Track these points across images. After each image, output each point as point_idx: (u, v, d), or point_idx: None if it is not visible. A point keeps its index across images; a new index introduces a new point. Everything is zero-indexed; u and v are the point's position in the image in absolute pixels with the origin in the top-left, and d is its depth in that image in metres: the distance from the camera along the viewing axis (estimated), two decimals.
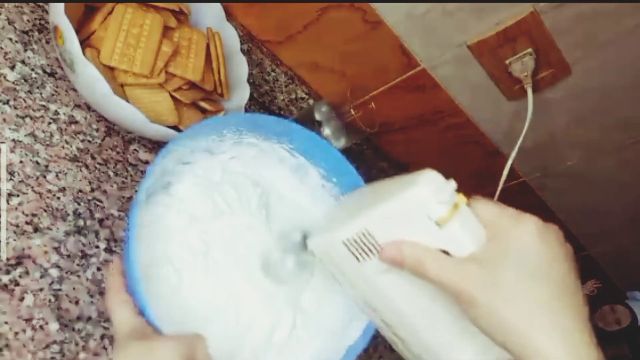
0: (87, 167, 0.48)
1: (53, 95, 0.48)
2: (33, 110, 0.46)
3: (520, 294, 0.30)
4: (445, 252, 0.33)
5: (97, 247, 0.46)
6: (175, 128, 0.52)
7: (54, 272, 0.42)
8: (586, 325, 0.30)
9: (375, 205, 0.36)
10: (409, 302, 0.37)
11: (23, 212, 0.42)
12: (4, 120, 0.44)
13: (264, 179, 0.52)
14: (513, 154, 0.66)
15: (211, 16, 0.59)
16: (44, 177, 0.44)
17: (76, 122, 0.49)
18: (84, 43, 0.48)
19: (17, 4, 0.49)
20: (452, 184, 0.34)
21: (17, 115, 0.45)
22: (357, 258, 0.37)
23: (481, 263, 0.31)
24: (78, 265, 0.44)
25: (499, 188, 0.66)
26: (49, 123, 0.47)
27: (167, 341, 0.33)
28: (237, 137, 0.49)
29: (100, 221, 0.47)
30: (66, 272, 0.42)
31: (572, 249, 0.33)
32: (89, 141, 0.50)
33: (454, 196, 0.33)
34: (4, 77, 0.45)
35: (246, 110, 0.61)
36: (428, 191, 0.33)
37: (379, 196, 0.37)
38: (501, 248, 0.31)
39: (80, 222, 0.45)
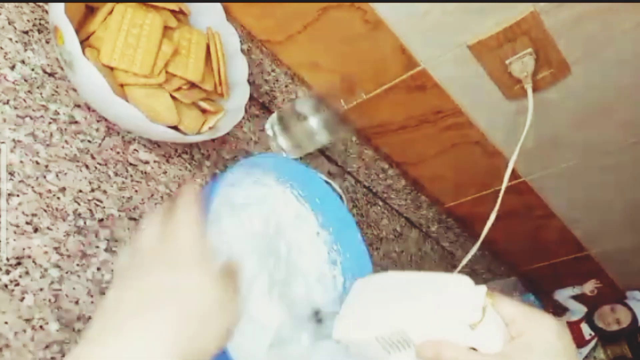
0: (87, 167, 0.48)
1: (53, 95, 0.48)
2: (33, 110, 0.46)
3: None
4: (474, 349, 0.37)
5: (97, 247, 0.46)
6: (175, 128, 0.52)
7: (54, 272, 0.42)
8: None
9: (410, 305, 0.39)
10: None
11: (23, 212, 0.42)
12: (4, 120, 0.44)
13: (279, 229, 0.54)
14: (514, 155, 0.66)
15: (211, 16, 0.59)
16: (44, 177, 0.44)
17: (76, 122, 0.49)
18: (84, 43, 0.48)
19: (17, 4, 0.48)
20: (484, 290, 0.37)
21: (17, 115, 0.45)
22: (388, 351, 0.39)
23: (512, 359, 0.36)
24: (78, 265, 0.43)
25: (502, 188, 0.66)
26: (49, 123, 0.47)
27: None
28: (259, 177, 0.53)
29: (100, 221, 0.47)
30: (66, 272, 0.42)
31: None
32: (89, 141, 0.50)
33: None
34: (4, 77, 0.45)
35: (246, 111, 0.61)
36: (463, 298, 0.37)
37: (412, 294, 0.40)
38: (527, 345, 0.36)
39: (80, 222, 0.45)
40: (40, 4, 0.50)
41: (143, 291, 0.31)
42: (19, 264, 0.40)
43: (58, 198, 0.45)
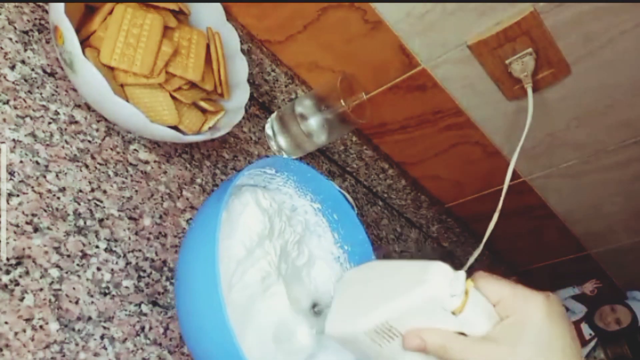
0: (87, 167, 0.48)
1: (53, 95, 0.48)
2: (33, 110, 0.46)
3: None
4: (462, 334, 0.36)
5: (97, 247, 0.46)
6: (176, 128, 0.52)
7: (54, 272, 0.42)
8: None
9: (392, 299, 0.38)
10: None
11: (23, 212, 0.42)
12: (4, 120, 0.44)
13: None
14: (515, 155, 0.66)
15: (211, 16, 0.59)
16: (44, 177, 0.44)
17: (76, 122, 0.49)
18: (84, 43, 0.48)
19: (17, 4, 0.49)
20: (462, 275, 0.36)
21: (17, 115, 0.45)
22: (379, 344, 0.39)
23: (500, 342, 0.34)
24: (78, 265, 0.44)
25: (504, 189, 0.66)
26: (49, 123, 0.47)
27: None
28: (283, 182, 0.54)
29: (100, 221, 0.47)
30: (66, 272, 0.42)
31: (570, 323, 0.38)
32: (89, 141, 0.50)
33: (464, 284, 0.36)
34: (4, 77, 0.45)
35: (246, 111, 0.61)
36: (441, 287, 0.36)
37: (394, 288, 0.39)
38: (516, 327, 0.35)
39: (80, 222, 0.45)
40: (40, 4, 0.50)
41: None
42: (19, 264, 0.40)
43: (58, 198, 0.45)
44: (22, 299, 0.39)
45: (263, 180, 0.53)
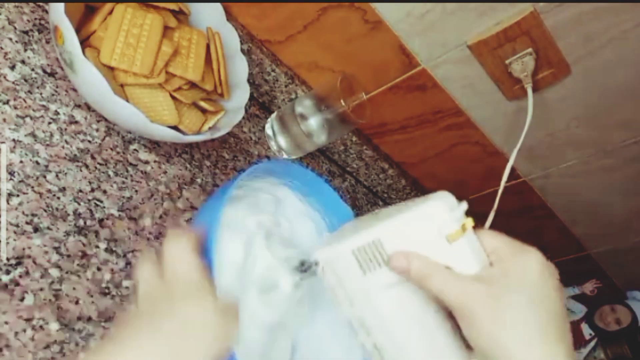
0: (87, 167, 0.48)
1: (53, 95, 0.48)
2: (33, 110, 0.46)
3: (520, 319, 0.32)
4: (449, 269, 0.34)
5: (97, 247, 0.46)
6: (176, 128, 0.52)
7: (54, 272, 0.42)
8: (572, 351, 0.33)
9: (389, 218, 0.37)
10: (404, 325, 0.38)
11: (23, 212, 0.42)
12: (4, 120, 0.44)
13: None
14: (514, 155, 0.66)
15: (211, 16, 0.59)
16: (44, 177, 0.44)
17: (76, 122, 0.49)
18: (84, 43, 0.48)
19: (17, 4, 0.49)
20: (464, 205, 0.36)
21: (17, 115, 0.45)
22: (364, 270, 0.38)
23: (485, 283, 0.33)
24: (78, 265, 0.44)
25: (501, 189, 0.66)
26: (49, 123, 0.47)
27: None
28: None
29: (100, 221, 0.47)
30: (66, 272, 0.42)
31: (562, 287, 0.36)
32: (89, 141, 0.50)
33: (464, 217, 0.35)
34: (4, 77, 0.45)
35: (246, 111, 0.61)
36: (442, 207, 0.35)
37: (393, 212, 0.39)
38: (505, 273, 0.33)
39: (80, 222, 0.45)
40: (40, 4, 0.50)
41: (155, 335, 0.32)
42: (19, 264, 0.40)
43: (58, 198, 0.45)
44: (22, 299, 0.39)
45: (263, 180, 0.53)
